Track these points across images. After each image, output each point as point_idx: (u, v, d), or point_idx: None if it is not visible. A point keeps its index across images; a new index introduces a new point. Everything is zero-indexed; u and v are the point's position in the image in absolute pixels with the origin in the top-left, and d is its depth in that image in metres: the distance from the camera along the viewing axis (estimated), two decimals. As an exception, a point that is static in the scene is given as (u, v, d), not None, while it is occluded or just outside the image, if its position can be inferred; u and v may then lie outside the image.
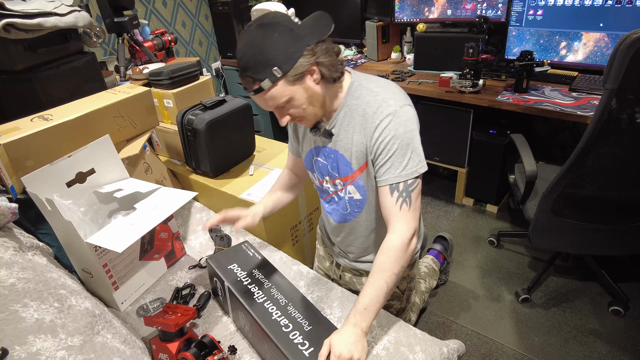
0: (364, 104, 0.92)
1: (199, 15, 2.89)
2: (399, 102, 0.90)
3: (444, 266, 1.81)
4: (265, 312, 0.95)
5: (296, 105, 0.88)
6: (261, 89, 0.85)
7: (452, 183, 2.39)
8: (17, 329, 0.74)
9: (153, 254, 1.23)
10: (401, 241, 0.91)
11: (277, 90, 0.85)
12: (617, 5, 1.68)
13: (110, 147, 1.21)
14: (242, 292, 1.00)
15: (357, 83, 0.95)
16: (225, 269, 1.08)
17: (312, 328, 0.91)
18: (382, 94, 0.92)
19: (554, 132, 2.32)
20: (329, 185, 1.08)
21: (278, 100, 0.87)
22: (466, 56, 1.84)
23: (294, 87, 0.86)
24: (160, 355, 0.95)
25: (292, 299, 0.99)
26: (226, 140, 1.60)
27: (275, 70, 0.83)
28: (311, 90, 0.89)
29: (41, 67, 1.41)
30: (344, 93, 0.95)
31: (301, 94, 0.88)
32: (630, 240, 1.42)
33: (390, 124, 0.89)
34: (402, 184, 0.91)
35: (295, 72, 0.84)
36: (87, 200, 1.17)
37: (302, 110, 0.90)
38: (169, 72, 1.68)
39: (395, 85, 0.96)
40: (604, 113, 1.11)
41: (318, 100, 0.91)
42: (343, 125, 0.96)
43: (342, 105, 0.95)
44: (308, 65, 0.86)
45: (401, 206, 0.92)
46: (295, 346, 0.86)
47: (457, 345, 1.07)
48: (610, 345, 1.51)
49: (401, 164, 0.91)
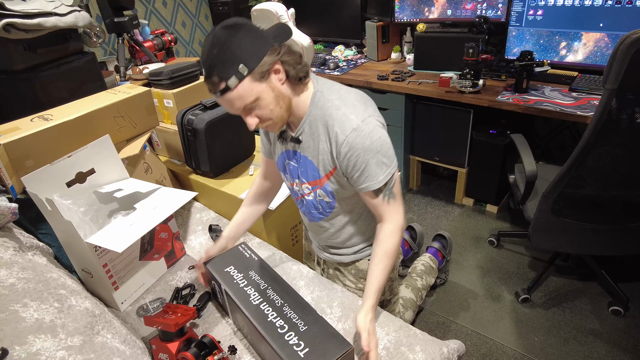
0: (326, 115, 0.93)
1: (199, 15, 2.89)
2: (359, 116, 0.91)
3: (443, 265, 1.81)
4: (261, 313, 0.95)
5: (263, 105, 0.88)
6: (228, 88, 0.84)
7: (452, 183, 2.39)
8: (17, 329, 0.74)
9: (153, 254, 1.23)
10: (395, 227, 1.01)
11: (244, 88, 0.84)
12: (617, 5, 1.68)
13: (110, 147, 1.21)
14: (239, 294, 1.01)
15: (319, 93, 0.96)
16: (222, 272, 1.08)
17: (307, 328, 0.91)
18: (342, 108, 0.92)
19: (554, 132, 2.32)
20: (299, 188, 1.10)
21: (245, 100, 0.86)
22: (466, 56, 1.84)
23: (261, 86, 0.86)
24: (160, 355, 0.95)
25: (288, 299, 0.99)
26: (226, 140, 1.60)
27: (241, 67, 0.82)
28: (277, 89, 0.89)
29: (41, 67, 1.41)
30: (307, 102, 0.96)
31: (268, 93, 0.87)
32: (630, 240, 1.42)
33: (357, 139, 0.90)
34: (384, 185, 0.96)
35: (261, 69, 0.85)
36: (87, 200, 1.17)
37: (270, 112, 0.89)
38: (169, 72, 1.68)
39: (357, 95, 0.97)
40: (604, 113, 1.11)
41: (284, 102, 0.92)
42: (309, 133, 0.98)
43: (307, 115, 0.96)
44: (273, 63, 0.86)
45: (389, 201, 0.99)
46: (290, 347, 0.87)
47: (457, 345, 1.07)
48: (610, 345, 1.51)
49: (377, 172, 0.94)
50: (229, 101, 0.87)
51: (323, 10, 2.65)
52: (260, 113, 0.90)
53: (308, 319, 0.94)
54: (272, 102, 0.89)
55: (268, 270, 1.09)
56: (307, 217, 1.17)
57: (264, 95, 0.87)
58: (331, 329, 0.91)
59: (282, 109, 0.91)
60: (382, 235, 1.01)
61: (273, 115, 0.90)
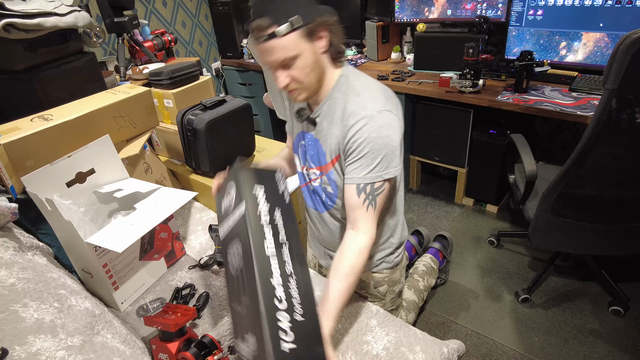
0: (345, 100, 0.93)
1: (199, 15, 2.89)
2: (377, 107, 0.90)
3: (444, 265, 1.81)
4: (267, 266, 0.74)
5: (301, 65, 0.87)
6: (274, 35, 0.82)
7: (452, 183, 2.39)
8: (17, 329, 0.74)
9: (153, 254, 1.23)
10: (370, 243, 0.93)
11: (290, 40, 0.83)
12: (617, 5, 1.68)
13: (110, 147, 1.21)
14: (255, 226, 0.77)
15: (344, 77, 0.95)
16: (248, 187, 0.80)
17: (303, 321, 0.74)
18: (362, 95, 0.92)
19: (554, 132, 2.32)
20: (307, 172, 1.09)
21: (287, 53, 0.84)
22: (466, 56, 1.84)
23: (305, 45, 0.85)
24: (160, 355, 0.95)
25: (298, 273, 0.79)
26: (226, 140, 1.60)
27: (296, 19, 0.81)
28: (317, 55, 0.89)
29: (41, 67, 1.41)
30: (332, 84, 0.95)
31: (309, 55, 0.86)
32: (630, 240, 1.42)
33: (365, 127, 0.89)
34: (369, 186, 0.91)
35: (312, 28, 0.84)
36: (87, 200, 1.17)
37: (305, 75, 0.88)
38: (169, 72, 1.68)
39: (381, 88, 0.96)
40: (604, 113, 1.11)
41: (320, 71, 0.91)
42: (326, 116, 0.97)
43: (328, 97, 0.96)
44: (323, 27, 0.86)
45: (367, 208, 0.92)
46: (277, 330, 0.70)
47: (457, 346, 1.07)
48: (610, 345, 1.51)
49: (369, 167, 0.91)
50: (271, 49, 0.84)
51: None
52: (295, 73, 0.88)
53: (308, 310, 0.76)
54: (310, 66, 0.88)
55: (293, 224, 0.84)
56: (312, 206, 1.15)
57: (306, 55, 0.86)
58: (321, 333, 0.76)
59: (315, 78, 0.91)
60: (354, 248, 0.92)
61: (306, 79, 0.89)
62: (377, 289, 1.21)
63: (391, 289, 1.24)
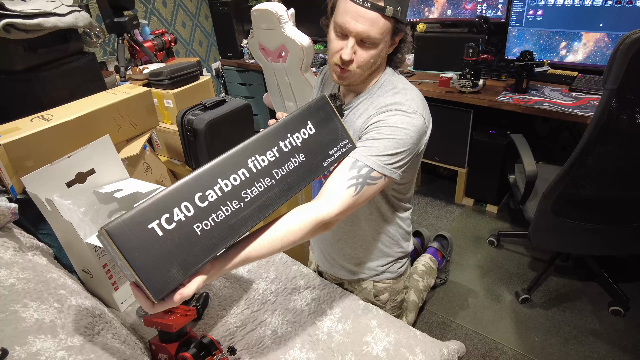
0: (382, 96, 0.93)
1: (199, 15, 2.89)
2: (412, 107, 0.89)
3: (443, 265, 1.81)
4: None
5: (373, 53, 0.86)
6: (381, 10, 0.80)
7: (452, 183, 2.39)
8: (17, 329, 0.74)
9: (153, 254, 1.23)
10: (326, 219, 0.78)
11: (384, 25, 0.83)
12: (617, 5, 1.68)
13: (110, 147, 1.21)
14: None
15: (388, 77, 0.96)
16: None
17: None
18: (399, 96, 0.91)
19: (554, 132, 2.32)
20: None
21: (374, 31, 0.82)
22: (466, 56, 1.84)
23: (387, 37, 0.86)
24: (160, 355, 0.95)
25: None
26: (226, 140, 1.60)
27: (399, 10, 0.82)
28: (385, 53, 0.90)
29: (41, 67, 1.41)
30: (373, 83, 0.95)
31: (383, 47, 0.87)
32: (630, 240, 1.42)
33: (394, 116, 0.87)
34: (366, 168, 0.81)
35: (399, 27, 0.86)
36: (87, 200, 1.17)
37: (367, 63, 0.87)
38: (169, 72, 1.68)
39: (420, 95, 0.95)
40: (604, 113, 1.11)
41: (376, 65, 0.91)
42: (354, 110, 0.96)
43: (367, 92, 0.95)
44: (403, 34, 0.88)
45: (348, 187, 0.80)
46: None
47: (458, 346, 1.07)
48: (610, 345, 1.51)
49: (378, 150, 0.83)
50: (365, 19, 0.81)
51: (323, 11, 2.65)
52: (363, 56, 0.86)
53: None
54: (377, 57, 0.88)
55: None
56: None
57: (383, 47, 0.87)
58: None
59: (369, 71, 0.91)
60: (307, 213, 0.77)
61: (365, 67, 0.88)
62: (378, 297, 1.21)
63: (392, 297, 1.24)
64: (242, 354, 1.00)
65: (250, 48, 2.27)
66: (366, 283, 1.18)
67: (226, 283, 1.21)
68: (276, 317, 1.09)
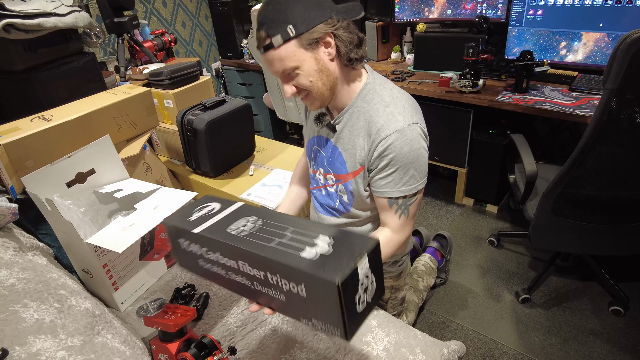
0: (372, 110, 0.90)
1: (199, 15, 2.89)
2: (407, 119, 0.88)
3: (443, 264, 1.81)
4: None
5: (303, 74, 0.85)
6: (271, 46, 0.81)
7: (452, 183, 2.39)
8: (17, 330, 0.74)
9: (153, 254, 1.23)
10: (399, 240, 0.96)
11: (287, 50, 0.82)
12: (617, 5, 1.68)
13: (110, 148, 1.21)
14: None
15: (370, 86, 0.93)
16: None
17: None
18: (391, 107, 0.89)
19: (554, 132, 2.32)
20: (321, 177, 1.07)
21: (285, 64, 0.83)
22: (466, 56, 1.84)
23: (306, 54, 0.83)
24: (160, 355, 0.95)
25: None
26: (226, 140, 1.60)
27: (290, 28, 0.80)
28: (323, 63, 0.85)
29: (41, 67, 1.41)
30: (355, 93, 0.93)
31: (311, 64, 0.84)
32: (630, 240, 1.42)
33: (396, 141, 0.87)
34: (402, 199, 0.92)
35: (310, 36, 0.82)
36: (87, 200, 1.17)
37: (309, 83, 0.86)
38: (169, 72, 1.68)
39: (408, 98, 0.94)
40: (604, 113, 1.11)
41: (329, 79, 0.87)
42: (348, 125, 0.95)
43: (351, 105, 0.94)
44: (324, 33, 0.83)
45: (400, 216, 0.95)
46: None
47: (458, 347, 1.07)
48: (610, 345, 1.51)
49: (401, 180, 0.90)
50: (270, 60, 0.84)
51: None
52: (299, 82, 0.86)
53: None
54: (314, 75, 0.85)
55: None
56: (320, 210, 1.13)
57: (307, 64, 0.84)
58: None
59: (325, 86, 0.88)
60: (383, 235, 0.95)
61: (312, 88, 0.87)
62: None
63: (394, 295, 1.24)
64: (242, 354, 1.00)
65: (250, 48, 2.27)
66: None
67: (226, 283, 1.21)
68: (276, 317, 1.09)
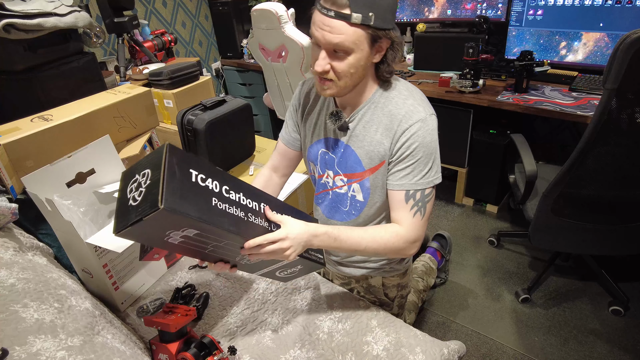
0: (391, 104, 0.91)
1: (199, 15, 2.89)
2: (427, 110, 0.90)
3: (443, 264, 1.81)
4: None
5: (349, 63, 0.82)
6: (348, 18, 0.77)
7: (452, 183, 2.39)
8: (17, 330, 0.74)
9: (153, 254, 1.23)
10: (411, 238, 0.92)
11: (357, 33, 0.79)
12: (617, 5, 1.68)
13: (110, 148, 1.21)
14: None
15: (387, 83, 0.94)
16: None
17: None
18: (410, 99, 0.91)
19: (554, 132, 2.32)
20: (329, 180, 1.06)
21: (345, 42, 0.79)
22: (466, 56, 1.84)
23: (365, 46, 0.81)
24: (160, 355, 0.95)
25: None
26: (226, 140, 1.60)
27: (372, 16, 0.78)
28: (365, 62, 0.84)
29: (41, 67, 1.41)
30: (373, 89, 0.93)
31: (362, 57, 0.82)
32: (630, 240, 1.42)
33: (420, 130, 0.88)
34: (420, 192, 0.91)
35: (378, 34, 0.80)
36: (87, 200, 1.17)
37: (347, 72, 0.83)
38: (169, 72, 1.68)
39: (422, 94, 0.96)
40: (604, 113, 1.11)
41: (359, 77, 0.87)
42: (363, 121, 0.94)
43: (368, 101, 0.93)
44: (388, 39, 0.83)
45: (415, 214, 0.92)
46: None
47: (458, 346, 1.07)
48: (610, 345, 1.51)
49: (421, 172, 0.91)
50: (331, 28, 0.78)
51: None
52: (339, 66, 0.83)
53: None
54: (357, 68, 0.83)
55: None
56: (325, 213, 1.12)
57: (359, 55, 0.82)
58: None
59: (352, 82, 0.87)
60: (392, 231, 0.91)
61: (345, 78, 0.84)
62: (387, 294, 1.21)
63: (400, 292, 1.24)
64: (242, 354, 1.00)
65: (250, 48, 2.27)
66: (374, 280, 1.18)
67: (226, 283, 1.21)
68: (276, 317, 1.09)
